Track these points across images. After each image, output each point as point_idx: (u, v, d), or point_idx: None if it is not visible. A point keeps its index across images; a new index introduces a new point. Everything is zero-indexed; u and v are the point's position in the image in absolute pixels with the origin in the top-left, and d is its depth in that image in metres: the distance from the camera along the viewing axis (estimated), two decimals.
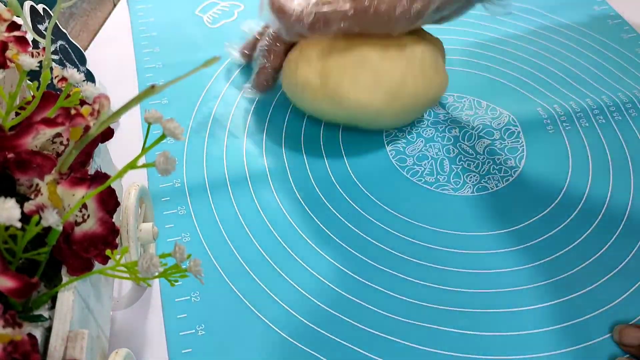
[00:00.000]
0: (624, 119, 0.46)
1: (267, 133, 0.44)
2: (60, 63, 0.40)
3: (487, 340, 0.33)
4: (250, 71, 0.46)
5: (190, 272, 0.24)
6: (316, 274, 0.36)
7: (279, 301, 0.35)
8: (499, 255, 0.37)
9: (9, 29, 0.27)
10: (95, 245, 0.23)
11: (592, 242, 0.38)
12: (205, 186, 0.41)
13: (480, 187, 0.41)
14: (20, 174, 0.23)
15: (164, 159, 0.21)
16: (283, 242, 0.37)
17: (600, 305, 0.35)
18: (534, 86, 0.49)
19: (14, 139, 0.23)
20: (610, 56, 0.52)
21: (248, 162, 0.42)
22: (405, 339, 0.33)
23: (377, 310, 0.34)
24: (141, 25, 0.53)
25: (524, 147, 0.44)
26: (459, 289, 0.35)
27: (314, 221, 0.39)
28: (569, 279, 0.36)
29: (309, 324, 0.34)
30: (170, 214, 0.39)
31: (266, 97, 0.47)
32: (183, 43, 0.52)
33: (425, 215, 0.39)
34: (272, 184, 0.41)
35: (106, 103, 0.24)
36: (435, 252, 0.37)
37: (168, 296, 0.35)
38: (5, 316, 0.19)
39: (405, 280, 0.36)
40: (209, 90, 0.48)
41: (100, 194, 0.23)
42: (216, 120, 0.45)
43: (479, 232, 0.38)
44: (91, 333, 0.24)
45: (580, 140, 0.44)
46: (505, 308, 0.35)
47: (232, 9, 0.56)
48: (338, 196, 0.40)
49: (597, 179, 0.42)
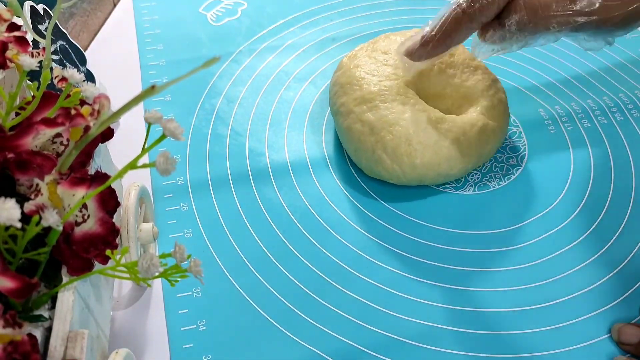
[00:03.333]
0: (625, 119, 0.46)
1: (270, 130, 0.45)
2: (60, 63, 0.40)
3: (488, 338, 0.33)
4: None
5: (191, 272, 0.24)
6: (317, 271, 0.36)
7: (280, 297, 0.35)
8: (500, 253, 0.37)
9: (9, 29, 0.27)
10: (95, 245, 0.23)
11: (593, 241, 0.38)
12: (208, 183, 0.41)
13: (482, 185, 0.41)
14: (20, 174, 0.23)
15: (164, 159, 0.21)
16: (284, 239, 0.38)
17: (599, 305, 0.35)
18: (535, 86, 0.49)
19: (14, 139, 0.23)
20: (611, 56, 0.52)
21: (250, 159, 0.42)
22: (409, 337, 0.33)
23: (378, 307, 0.34)
24: (145, 23, 0.54)
25: (526, 147, 0.44)
26: (462, 287, 0.36)
27: (315, 218, 0.39)
28: (569, 278, 0.36)
29: (310, 320, 0.34)
30: (173, 210, 0.39)
31: (270, 96, 0.47)
32: (187, 41, 0.52)
33: (427, 214, 0.39)
34: (274, 181, 0.41)
35: (106, 103, 0.24)
36: (437, 250, 0.37)
37: (170, 291, 0.35)
38: (5, 316, 0.19)
39: (407, 278, 0.36)
40: (212, 87, 0.48)
41: (100, 194, 0.23)
42: (219, 117, 0.45)
43: (481, 231, 0.38)
44: (91, 333, 0.24)
45: (582, 140, 0.44)
46: (505, 308, 0.35)
47: (236, 7, 0.56)
48: (339, 194, 0.40)
49: (599, 178, 0.42)
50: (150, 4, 0.56)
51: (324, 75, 0.49)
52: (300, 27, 0.54)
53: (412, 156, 0.38)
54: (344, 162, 0.42)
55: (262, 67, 0.50)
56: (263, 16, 0.55)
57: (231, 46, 0.51)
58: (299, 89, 0.48)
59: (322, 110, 0.46)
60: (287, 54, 0.51)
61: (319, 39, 0.52)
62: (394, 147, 0.38)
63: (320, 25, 0.54)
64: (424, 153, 0.38)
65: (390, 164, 0.38)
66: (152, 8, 0.55)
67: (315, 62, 0.50)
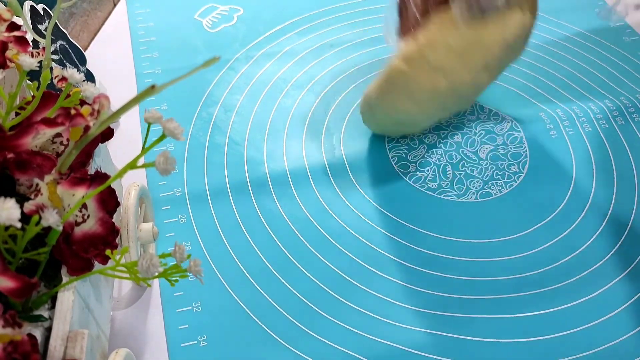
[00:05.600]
0: (627, 123, 0.46)
1: (268, 139, 0.44)
2: (60, 63, 0.40)
3: (490, 347, 0.33)
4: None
5: (190, 272, 0.24)
6: (319, 283, 0.36)
7: (283, 311, 0.34)
8: (502, 263, 0.37)
9: (9, 29, 0.27)
10: (95, 245, 0.23)
11: (596, 248, 0.38)
12: (206, 194, 0.40)
13: (484, 193, 0.41)
14: (20, 174, 0.23)
15: (164, 159, 0.21)
16: (285, 251, 0.37)
17: (606, 311, 0.35)
18: (536, 91, 0.48)
19: (14, 139, 0.23)
20: (612, 59, 0.51)
21: (249, 168, 0.42)
22: (410, 346, 0.33)
23: (380, 318, 0.34)
24: (140, 30, 0.53)
25: (527, 153, 0.44)
26: (465, 295, 0.35)
27: (316, 228, 0.38)
28: (573, 285, 0.36)
29: (313, 334, 0.33)
30: (171, 223, 0.38)
31: (268, 103, 0.47)
32: (182, 48, 0.51)
33: (428, 222, 0.39)
34: (274, 191, 0.41)
35: (106, 103, 0.24)
36: (439, 259, 0.37)
37: (169, 304, 0.34)
38: (5, 316, 0.19)
39: (408, 288, 0.36)
40: (208, 95, 0.47)
41: (100, 194, 0.23)
42: (216, 126, 0.45)
43: (483, 240, 0.38)
44: (91, 333, 0.24)
45: (584, 144, 0.44)
46: (508, 314, 0.34)
47: (232, 12, 0.56)
48: (340, 203, 0.40)
49: (601, 184, 0.41)
50: (145, 10, 0.55)
51: (322, 82, 0.48)
52: (298, 33, 0.53)
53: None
54: (344, 171, 0.42)
55: (259, 75, 0.49)
56: (259, 22, 0.54)
57: (227, 53, 0.51)
58: (297, 96, 0.47)
59: (320, 117, 0.46)
60: (284, 61, 0.50)
61: (317, 45, 0.52)
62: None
63: (318, 31, 0.53)
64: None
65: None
66: (147, 15, 0.55)
67: (313, 68, 0.50)
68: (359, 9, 0.56)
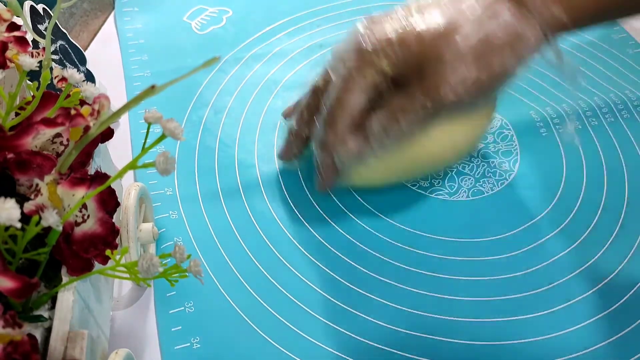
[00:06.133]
0: (616, 121, 0.46)
1: (259, 141, 0.44)
2: (60, 63, 0.40)
3: (483, 349, 0.33)
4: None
5: (190, 272, 0.24)
6: (311, 284, 0.35)
7: (275, 313, 0.34)
8: (495, 261, 0.37)
9: (9, 29, 0.27)
10: (95, 245, 0.23)
11: (588, 246, 0.38)
12: (198, 197, 0.40)
13: (476, 190, 0.41)
14: (20, 174, 0.23)
15: (164, 159, 0.21)
16: (277, 252, 0.37)
17: (598, 310, 0.34)
18: (526, 89, 0.48)
19: (14, 139, 0.23)
20: (601, 57, 0.51)
21: (240, 171, 0.42)
22: (402, 349, 0.33)
23: (373, 320, 0.34)
24: (128, 32, 0.53)
25: (518, 150, 0.44)
26: (457, 297, 0.35)
27: (308, 230, 0.38)
28: (566, 284, 0.36)
29: (305, 336, 0.33)
30: (163, 218, 0.38)
31: (258, 105, 0.46)
32: (171, 50, 0.51)
33: (420, 222, 0.39)
34: (265, 193, 0.40)
35: (106, 103, 0.24)
36: (431, 259, 0.37)
37: (162, 305, 0.34)
38: (5, 316, 0.19)
39: (401, 289, 0.35)
40: (198, 97, 0.47)
41: (100, 194, 0.23)
42: (207, 128, 0.44)
43: (475, 239, 0.38)
44: (91, 333, 0.24)
45: (573, 142, 0.44)
46: (503, 317, 0.34)
47: (221, 14, 0.55)
48: (332, 204, 0.40)
49: (592, 181, 0.42)
50: (132, 9, 0.55)
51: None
52: (287, 34, 0.53)
53: None
54: None
55: (249, 76, 0.49)
56: (249, 23, 0.54)
57: (217, 55, 0.50)
58: (287, 97, 0.46)
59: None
60: (274, 62, 0.50)
61: (307, 46, 0.51)
62: None
63: (307, 31, 0.53)
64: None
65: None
66: (134, 14, 0.54)
67: (303, 69, 0.49)
68: (348, 9, 0.56)
